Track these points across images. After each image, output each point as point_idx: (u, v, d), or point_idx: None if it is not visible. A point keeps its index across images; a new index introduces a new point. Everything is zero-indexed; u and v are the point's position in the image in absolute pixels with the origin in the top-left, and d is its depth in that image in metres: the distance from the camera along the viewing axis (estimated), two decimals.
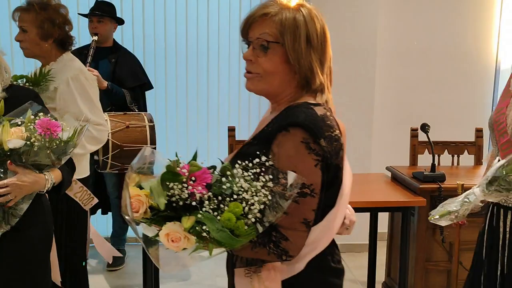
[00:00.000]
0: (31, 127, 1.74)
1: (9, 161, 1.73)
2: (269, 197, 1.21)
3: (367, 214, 3.23)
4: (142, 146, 1.50)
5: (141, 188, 1.20)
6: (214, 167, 1.27)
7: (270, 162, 1.26)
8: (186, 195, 1.17)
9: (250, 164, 1.24)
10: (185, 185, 1.18)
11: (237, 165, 1.25)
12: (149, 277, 2.95)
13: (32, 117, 1.76)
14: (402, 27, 4.28)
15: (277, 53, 1.36)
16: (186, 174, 1.19)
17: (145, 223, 1.19)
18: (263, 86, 1.40)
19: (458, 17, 4.31)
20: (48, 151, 1.75)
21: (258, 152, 1.28)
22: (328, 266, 1.46)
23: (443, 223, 1.79)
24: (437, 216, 1.77)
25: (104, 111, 2.92)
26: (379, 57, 4.13)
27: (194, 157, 1.25)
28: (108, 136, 2.82)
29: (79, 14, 3.82)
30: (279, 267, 1.38)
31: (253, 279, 1.37)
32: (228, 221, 1.16)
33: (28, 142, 1.72)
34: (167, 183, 1.17)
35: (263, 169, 1.24)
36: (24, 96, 1.92)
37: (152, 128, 3.10)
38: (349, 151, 1.59)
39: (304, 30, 1.35)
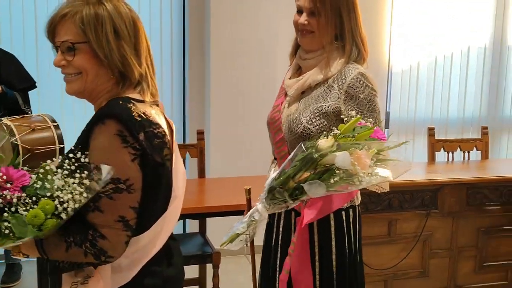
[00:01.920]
0: None
1: None
2: (85, 194, 1.17)
3: None
4: (53, 147, 1.40)
5: None
6: None
7: (87, 159, 1.23)
8: None
9: (66, 161, 1.21)
10: None
11: (52, 164, 1.21)
12: None
13: None
14: None
15: (85, 52, 1.33)
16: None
17: None
18: (78, 85, 1.36)
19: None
20: None
21: (73, 148, 1.25)
22: (162, 272, 1.42)
23: (236, 246, 1.78)
24: (228, 242, 1.76)
25: None
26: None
27: (12, 161, 1.23)
28: (17, 142, 2.60)
29: None
30: (108, 276, 1.32)
31: None
32: (34, 218, 1.13)
33: None
34: None
35: (76, 165, 1.21)
36: None
37: (58, 128, 2.90)
38: None
39: (110, 24, 1.33)
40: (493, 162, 4.05)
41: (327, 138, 1.68)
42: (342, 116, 1.81)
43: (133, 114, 1.28)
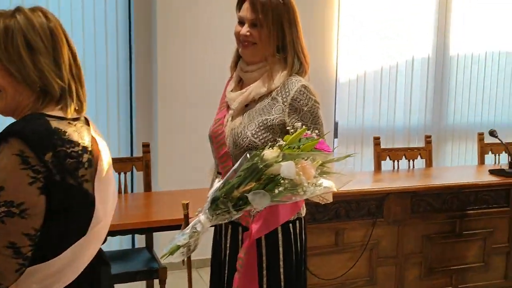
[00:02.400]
0: None
1: None
2: None
3: None
4: None
5: None
6: None
7: None
8: None
9: None
10: None
11: None
12: None
13: None
14: None
15: None
16: None
17: None
18: (0, 105, 1.30)
19: (304, 33, 4.50)
20: None
21: None
22: None
23: (177, 259, 1.75)
24: (168, 254, 1.73)
25: None
26: None
27: None
28: None
29: None
30: None
31: None
32: None
33: None
34: None
35: None
36: None
37: None
38: None
39: (21, 37, 1.26)
40: (437, 170, 4.15)
41: (272, 149, 1.68)
42: (287, 128, 1.81)
43: (43, 132, 1.22)
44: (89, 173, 1.30)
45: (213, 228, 2.03)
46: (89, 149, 1.31)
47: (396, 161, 3.98)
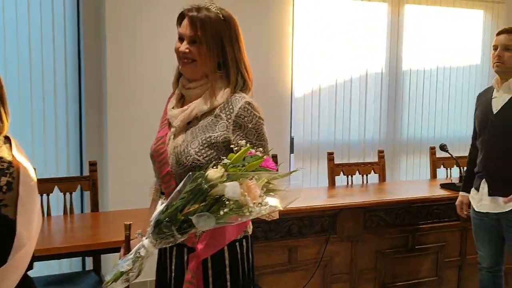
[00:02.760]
0: None
1: None
2: None
3: None
4: None
5: None
6: None
7: None
8: None
9: None
10: None
11: None
12: None
13: None
14: None
15: None
16: None
17: None
18: None
19: (260, 49, 4.50)
20: None
21: None
22: None
23: (121, 286, 1.69)
24: (112, 281, 1.67)
25: None
26: None
27: None
28: None
29: None
30: None
31: None
32: None
33: None
34: None
35: None
36: None
37: None
38: None
39: None
40: (390, 184, 4.17)
41: (216, 168, 1.63)
42: (231, 146, 1.77)
43: None
44: (8, 197, 1.23)
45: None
46: (8, 171, 1.23)
47: (350, 176, 3.99)
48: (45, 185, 3.14)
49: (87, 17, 4.01)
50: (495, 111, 2.95)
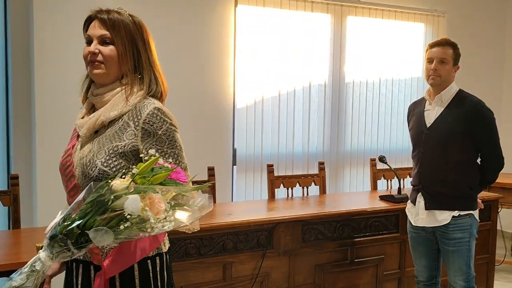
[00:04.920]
0: None
1: None
2: None
3: None
4: None
5: None
6: None
7: None
8: None
9: None
10: None
11: None
12: None
13: None
14: None
15: None
16: None
17: None
18: None
19: (201, 59, 4.39)
20: None
21: None
22: None
23: None
24: None
25: None
26: None
27: None
28: None
29: None
30: None
31: None
32: None
33: None
34: None
35: None
36: None
37: None
38: None
39: None
40: (330, 197, 4.11)
41: (124, 178, 1.51)
42: (141, 155, 1.65)
43: None
44: None
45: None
46: None
47: (290, 188, 3.91)
48: None
49: (15, 25, 3.81)
50: (428, 124, 2.94)
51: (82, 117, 1.83)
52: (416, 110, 3.06)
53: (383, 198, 3.73)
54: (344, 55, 4.99)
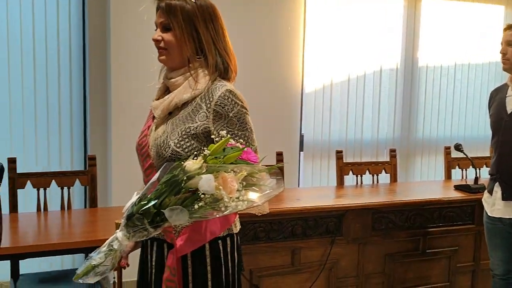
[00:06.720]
0: None
1: None
2: None
3: None
4: None
5: None
6: None
7: None
8: None
9: None
10: None
11: None
12: None
13: None
14: None
15: None
16: None
17: None
18: None
19: (269, 43, 4.36)
20: None
21: None
22: None
23: (92, 279, 1.59)
24: (82, 275, 1.56)
25: None
26: None
27: None
28: None
29: None
30: None
31: None
32: None
33: None
34: None
35: None
36: None
37: None
38: None
39: None
40: (402, 185, 4.00)
41: (196, 159, 1.53)
42: (212, 136, 1.67)
43: None
44: None
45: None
46: None
47: (360, 175, 3.83)
48: (41, 179, 3.07)
49: (92, 12, 3.93)
50: (509, 111, 2.79)
51: (157, 99, 1.88)
52: (497, 96, 2.91)
53: (458, 187, 3.59)
54: (417, 38, 4.81)
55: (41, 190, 3.07)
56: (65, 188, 3.13)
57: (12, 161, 3.02)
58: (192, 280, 1.75)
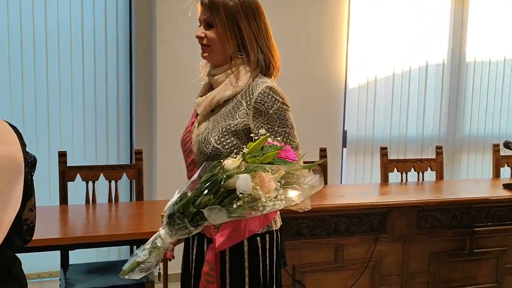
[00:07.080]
0: None
1: None
2: None
3: None
4: None
5: None
6: None
7: None
8: None
9: None
10: None
11: None
12: None
13: None
14: None
15: None
16: None
17: None
18: None
19: (312, 38, 4.35)
20: None
21: None
22: None
23: (138, 276, 1.61)
24: (128, 271, 1.58)
25: None
26: None
27: None
28: None
29: None
30: None
31: None
32: None
33: None
34: None
35: None
36: None
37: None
38: None
39: None
40: (448, 183, 3.92)
41: (235, 157, 1.54)
42: (251, 135, 1.68)
43: None
44: None
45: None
46: None
47: (404, 173, 3.77)
48: (90, 173, 3.15)
49: (138, 8, 4.00)
50: None
51: (201, 96, 1.90)
52: None
53: (507, 186, 3.48)
54: (465, 32, 4.69)
55: (90, 183, 3.15)
56: (113, 182, 3.21)
57: (62, 155, 3.11)
58: (230, 275, 1.77)
